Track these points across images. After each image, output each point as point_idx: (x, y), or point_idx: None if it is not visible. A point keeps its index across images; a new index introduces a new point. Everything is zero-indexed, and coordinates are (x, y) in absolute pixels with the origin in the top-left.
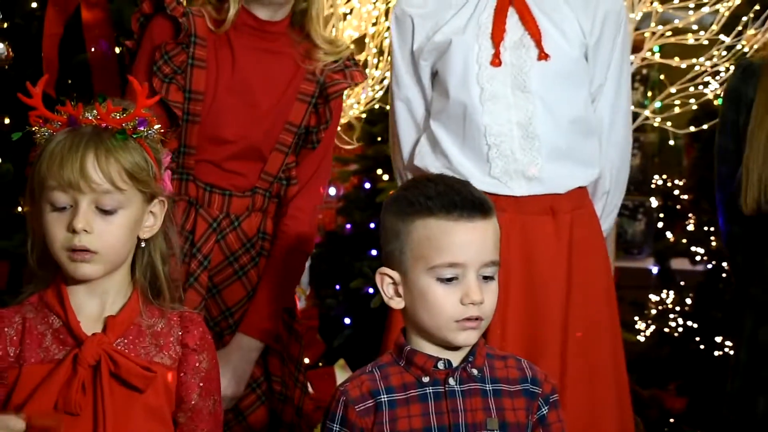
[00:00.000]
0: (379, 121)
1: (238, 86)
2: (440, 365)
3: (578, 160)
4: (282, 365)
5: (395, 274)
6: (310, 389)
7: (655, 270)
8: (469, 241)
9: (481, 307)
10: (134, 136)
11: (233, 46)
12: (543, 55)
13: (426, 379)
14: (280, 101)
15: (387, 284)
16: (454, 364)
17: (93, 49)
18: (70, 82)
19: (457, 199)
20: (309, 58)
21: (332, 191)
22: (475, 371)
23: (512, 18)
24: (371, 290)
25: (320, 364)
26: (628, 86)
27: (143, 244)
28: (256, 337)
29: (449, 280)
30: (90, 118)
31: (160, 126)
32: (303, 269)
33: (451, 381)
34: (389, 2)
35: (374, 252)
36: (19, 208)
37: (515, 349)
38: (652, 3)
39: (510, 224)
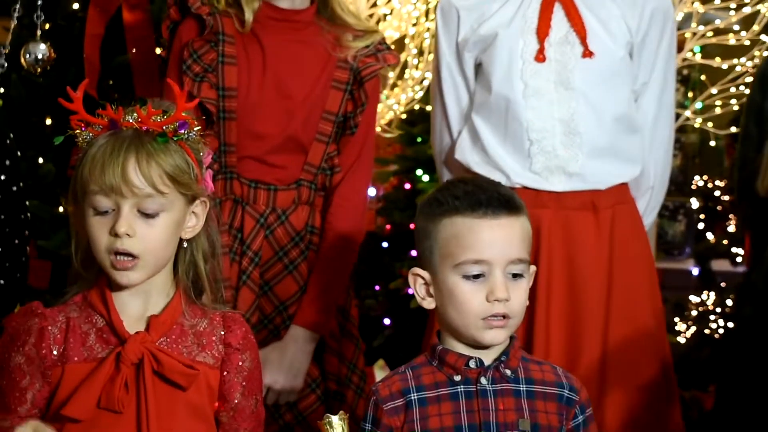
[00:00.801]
0: (418, 122)
1: (270, 79)
2: (471, 364)
3: (620, 157)
4: (339, 364)
5: (426, 274)
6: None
7: (695, 271)
8: (495, 238)
9: (508, 305)
10: (175, 139)
11: (261, 41)
12: (587, 53)
13: (457, 378)
14: (313, 90)
15: (419, 284)
16: (486, 363)
17: (134, 50)
18: (111, 83)
19: (483, 197)
20: (339, 45)
21: (372, 192)
22: (508, 371)
23: (558, 14)
24: (411, 291)
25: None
26: (673, 84)
27: (185, 244)
28: (311, 329)
29: (475, 277)
30: (131, 121)
31: (200, 127)
32: (353, 259)
33: (483, 380)
34: (429, 3)
35: (414, 253)
36: (61, 208)
37: (558, 346)
38: (693, 3)
39: (552, 220)
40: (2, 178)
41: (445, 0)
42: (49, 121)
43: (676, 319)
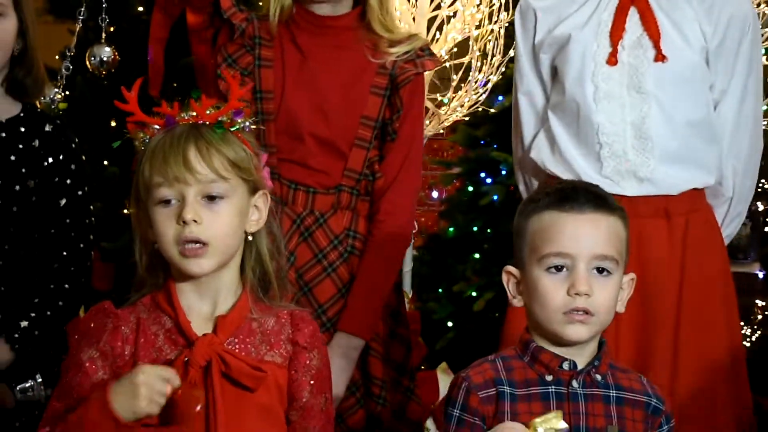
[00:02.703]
0: (482, 124)
1: (306, 83)
2: (565, 366)
3: (693, 164)
4: (384, 368)
5: (517, 272)
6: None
7: (761, 275)
8: (578, 232)
9: (590, 301)
10: (232, 129)
11: (299, 45)
12: (660, 57)
13: (549, 378)
14: (349, 96)
15: (511, 282)
16: (579, 366)
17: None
18: (175, 85)
19: (571, 192)
20: (378, 51)
21: (435, 194)
22: (598, 377)
23: (633, 17)
24: (474, 293)
25: (422, 367)
26: (756, 94)
27: (250, 238)
28: (356, 334)
29: (558, 269)
30: (186, 117)
31: (254, 118)
32: (399, 266)
33: (575, 383)
34: (493, 5)
35: (477, 255)
36: (125, 210)
37: (628, 354)
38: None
39: None
40: (68, 182)
41: (524, 1)
42: (113, 124)
43: (742, 323)
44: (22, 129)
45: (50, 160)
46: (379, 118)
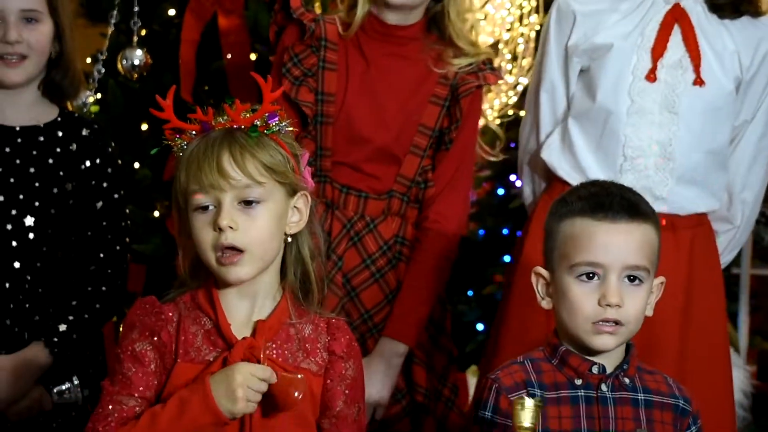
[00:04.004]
0: (512, 127)
1: (367, 89)
2: (594, 369)
3: (705, 188)
4: (427, 376)
5: (547, 274)
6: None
7: None
8: (610, 242)
9: (621, 312)
10: (267, 132)
11: (363, 51)
12: (698, 81)
13: (579, 382)
14: (408, 104)
15: (541, 284)
16: (608, 370)
17: (229, 56)
18: (207, 88)
19: (606, 200)
20: (441, 62)
21: None
22: (627, 380)
23: (676, 36)
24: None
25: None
26: None
27: (290, 239)
28: (401, 341)
29: (588, 279)
30: (221, 122)
31: (290, 120)
32: (446, 276)
33: (604, 387)
34: (523, 8)
35: (507, 258)
36: (156, 213)
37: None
38: None
39: None
40: (104, 185)
41: (564, 1)
42: (145, 127)
43: None
44: (60, 133)
45: (87, 163)
46: (436, 127)
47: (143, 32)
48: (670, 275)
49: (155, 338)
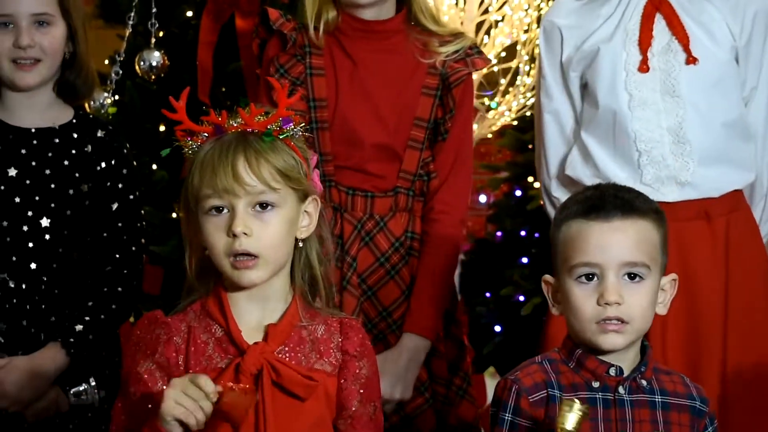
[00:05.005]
0: (529, 129)
1: (358, 88)
2: (612, 371)
3: (733, 164)
4: (447, 368)
5: (553, 280)
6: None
7: None
8: (605, 241)
9: (622, 309)
10: (281, 137)
11: (349, 51)
12: (691, 59)
13: (596, 384)
14: (401, 97)
15: (550, 291)
16: (625, 372)
17: (246, 57)
18: (224, 90)
19: (598, 200)
20: (427, 51)
21: (482, 198)
22: (644, 382)
23: (659, 24)
24: (522, 298)
25: (469, 371)
26: None
27: (300, 244)
28: (423, 335)
29: (587, 280)
30: (235, 125)
31: (304, 124)
32: (455, 265)
33: (621, 389)
34: (541, 9)
35: (525, 260)
36: (174, 214)
37: (676, 358)
38: None
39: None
40: (120, 186)
41: (548, 20)
42: (162, 128)
43: None
44: (75, 135)
45: (102, 164)
46: (431, 119)
47: (161, 34)
48: (709, 268)
49: (157, 355)
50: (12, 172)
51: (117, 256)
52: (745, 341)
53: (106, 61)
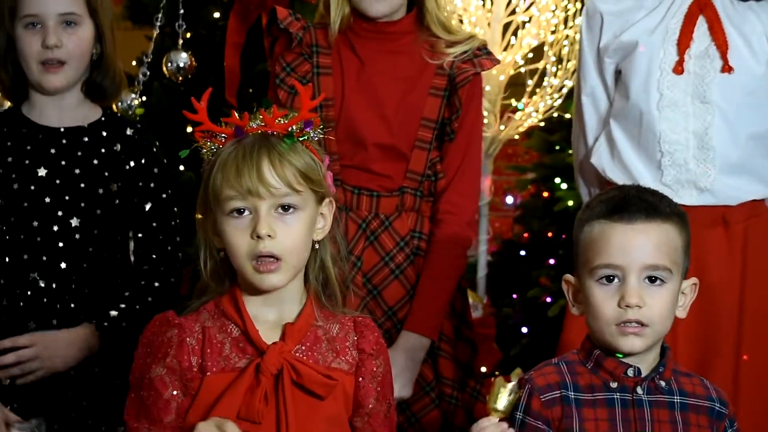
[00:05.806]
0: (557, 130)
1: (365, 89)
2: (630, 372)
3: (754, 175)
4: (455, 369)
5: (574, 281)
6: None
7: None
8: (627, 243)
9: (642, 312)
10: (301, 139)
11: (357, 51)
12: (727, 68)
13: (614, 385)
14: (408, 99)
15: (570, 291)
16: (644, 373)
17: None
18: (251, 91)
19: (622, 202)
20: (435, 53)
21: (509, 200)
22: (662, 383)
23: (701, 27)
24: (549, 299)
25: (497, 372)
26: None
27: (317, 246)
28: (422, 334)
29: (608, 282)
30: (255, 126)
31: (323, 127)
32: (462, 265)
33: (639, 390)
34: (568, 11)
35: (552, 261)
36: (199, 215)
37: (685, 363)
38: None
39: None
40: (152, 185)
41: (591, 4)
42: (189, 129)
43: None
44: (104, 133)
45: (132, 163)
46: (438, 119)
47: (188, 35)
48: (725, 275)
49: (168, 359)
50: (42, 172)
51: (153, 256)
52: (759, 345)
53: (134, 63)
